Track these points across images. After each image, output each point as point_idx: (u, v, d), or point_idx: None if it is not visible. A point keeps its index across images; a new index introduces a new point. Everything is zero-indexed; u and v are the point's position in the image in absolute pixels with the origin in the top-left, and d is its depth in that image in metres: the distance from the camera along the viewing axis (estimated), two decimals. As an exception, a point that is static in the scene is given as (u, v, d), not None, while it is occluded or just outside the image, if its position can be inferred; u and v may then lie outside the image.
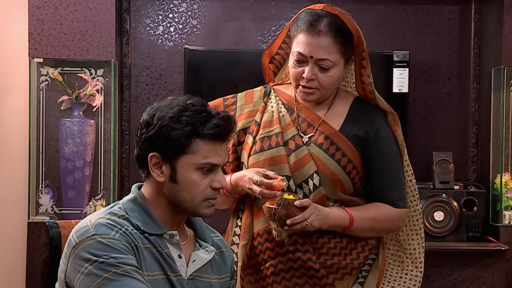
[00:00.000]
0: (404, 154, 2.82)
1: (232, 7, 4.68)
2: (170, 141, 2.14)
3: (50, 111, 4.39)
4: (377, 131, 2.72)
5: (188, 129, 2.14)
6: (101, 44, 4.36)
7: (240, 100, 2.83)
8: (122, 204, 2.20)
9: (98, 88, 4.31)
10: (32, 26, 4.36)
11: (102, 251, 2.04)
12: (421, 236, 2.85)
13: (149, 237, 2.15)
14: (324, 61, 2.64)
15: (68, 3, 4.36)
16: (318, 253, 2.68)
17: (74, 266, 2.06)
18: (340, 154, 2.67)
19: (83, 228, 2.09)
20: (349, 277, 2.71)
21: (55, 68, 4.34)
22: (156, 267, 2.14)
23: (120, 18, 4.59)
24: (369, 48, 4.56)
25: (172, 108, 2.16)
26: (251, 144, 2.74)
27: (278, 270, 2.69)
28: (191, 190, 2.18)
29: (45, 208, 4.35)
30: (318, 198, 2.65)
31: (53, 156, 4.40)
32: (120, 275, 2.01)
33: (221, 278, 2.30)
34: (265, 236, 2.70)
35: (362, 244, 2.74)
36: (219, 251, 2.33)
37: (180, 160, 2.16)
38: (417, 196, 2.85)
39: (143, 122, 2.18)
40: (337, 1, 4.63)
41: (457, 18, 4.73)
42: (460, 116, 4.75)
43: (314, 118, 2.73)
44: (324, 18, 2.65)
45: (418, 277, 2.82)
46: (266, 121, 2.75)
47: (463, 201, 4.38)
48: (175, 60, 4.67)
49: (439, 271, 4.36)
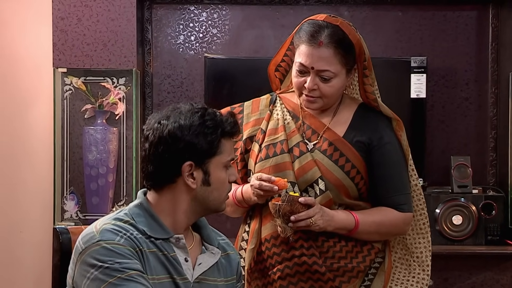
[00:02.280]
0: (409, 159, 2.83)
1: (251, 15, 4.72)
2: (203, 147, 2.20)
3: (74, 119, 4.45)
4: (381, 136, 2.76)
5: (219, 131, 2.22)
6: (122, 54, 4.43)
7: (246, 109, 2.88)
8: (128, 209, 2.24)
9: (120, 97, 4.36)
10: (56, 37, 4.44)
11: (107, 257, 2.08)
12: (428, 240, 2.87)
13: (155, 241, 2.18)
14: (325, 72, 2.68)
15: (91, 14, 4.44)
16: (324, 257, 2.71)
17: (81, 271, 2.11)
18: (344, 160, 2.71)
19: (89, 234, 2.14)
20: (355, 280, 2.74)
21: (78, 77, 4.40)
22: (162, 271, 2.17)
23: (142, 28, 4.66)
24: (387, 54, 4.66)
25: (190, 116, 2.21)
26: (257, 151, 2.78)
27: (285, 274, 2.72)
28: (221, 189, 2.27)
29: (70, 214, 4.40)
30: (324, 202, 2.69)
31: (77, 163, 4.46)
32: (125, 280, 2.06)
33: (228, 281, 2.33)
34: (272, 241, 2.74)
35: (368, 248, 2.76)
36: (225, 254, 2.36)
37: (212, 163, 2.23)
38: (423, 200, 2.88)
39: (164, 137, 2.20)
40: (355, 9, 4.69)
41: (474, 23, 4.73)
42: (479, 120, 4.75)
43: (318, 125, 2.77)
44: (326, 29, 2.68)
45: (425, 280, 2.85)
46: (271, 128, 2.80)
47: (482, 205, 4.39)
48: (195, 68, 4.71)
49: (458, 274, 4.35)
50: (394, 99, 4.52)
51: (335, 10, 4.69)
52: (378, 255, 2.80)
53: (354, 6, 4.71)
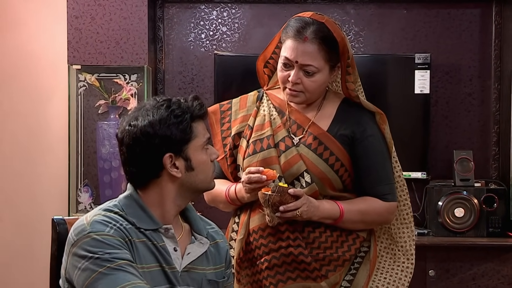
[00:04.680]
0: (392, 151, 2.88)
1: (260, 14, 4.76)
2: (177, 136, 2.22)
3: (88, 114, 4.51)
4: (364, 129, 2.80)
5: (188, 117, 2.24)
6: (134, 51, 4.50)
7: (234, 106, 2.93)
8: (118, 201, 2.27)
9: (132, 93, 4.42)
10: (71, 35, 4.51)
11: (98, 248, 2.12)
12: (411, 229, 2.91)
13: (144, 231, 2.22)
14: (308, 66, 2.73)
15: (104, 12, 4.51)
16: (310, 247, 2.76)
17: (73, 262, 2.15)
18: (328, 153, 2.76)
19: (80, 226, 2.18)
20: (341, 268, 2.79)
21: (92, 74, 4.46)
22: (152, 260, 2.21)
23: (154, 26, 4.72)
24: (392, 51, 4.71)
25: (157, 110, 2.23)
26: (245, 147, 2.83)
27: (272, 264, 2.77)
28: (205, 170, 2.30)
29: (84, 206, 4.47)
30: (310, 194, 2.74)
31: (91, 157, 4.52)
32: (114, 269, 2.10)
33: (217, 269, 2.38)
34: (260, 233, 2.80)
35: (353, 237, 2.82)
36: (214, 243, 2.40)
37: (189, 148, 2.25)
38: (406, 191, 2.91)
39: (138, 138, 2.21)
40: (361, 7, 4.73)
41: (478, 21, 4.75)
42: (482, 115, 4.77)
43: (304, 120, 2.82)
44: (311, 25, 2.73)
45: (410, 269, 2.90)
46: (258, 124, 2.85)
47: (483, 198, 4.43)
48: (206, 65, 4.76)
49: (459, 265, 4.36)
50: (398, 94, 4.62)
51: (341, 8, 4.75)
52: (363, 244, 2.85)
53: (360, 4, 4.75)
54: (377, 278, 2.86)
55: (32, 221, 4.65)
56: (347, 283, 2.82)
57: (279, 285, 2.78)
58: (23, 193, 4.74)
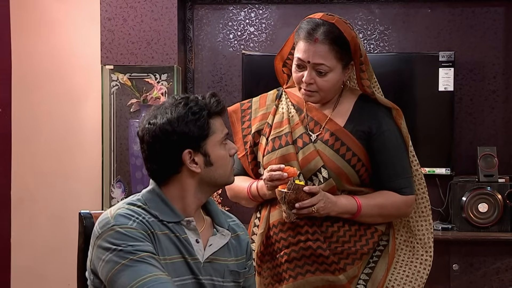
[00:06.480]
0: (409, 145, 2.90)
1: (286, 14, 4.81)
2: (195, 132, 2.25)
3: (121, 113, 4.61)
4: (380, 124, 2.83)
5: (205, 113, 2.26)
6: (164, 51, 4.59)
7: (254, 104, 3.00)
8: (141, 195, 2.31)
9: (163, 92, 4.49)
10: (104, 37, 4.61)
11: (121, 240, 2.16)
12: (430, 222, 2.94)
13: (167, 224, 2.26)
14: (320, 66, 2.77)
15: (135, 14, 4.61)
16: (328, 241, 2.81)
17: (98, 254, 2.19)
18: (345, 149, 2.80)
19: (104, 219, 2.22)
20: (359, 262, 2.82)
21: (124, 74, 4.55)
22: (174, 251, 2.25)
23: (184, 27, 4.80)
24: (417, 49, 4.72)
25: (175, 108, 2.26)
26: (265, 145, 2.88)
27: (292, 258, 2.82)
28: (224, 165, 2.33)
29: (117, 201, 4.53)
30: (328, 189, 2.78)
31: (124, 154, 4.61)
32: (136, 261, 2.13)
33: (238, 260, 2.41)
34: (279, 227, 2.85)
35: (372, 231, 2.85)
36: (235, 235, 2.43)
37: (208, 144, 2.28)
38: (424, 184, 2.93)
39: (157, 135, 2.24)
40: (386, 6, 4.78)
41: (502, 18, 4.78)
42: (505, 112, 4.79)
43: (321, 117, 2.87)
44: (321, 26, 2.77)
45: (428, 261, 2.92)
46: (277, 122, 2.90)
47: (507, 194, 4.47)
48: (234, 64, 4.84)
49: (483, 259, 4.39)
50: (423, 92, 4.65)
51: (366, 8, 4.80)
52: (382, 238, 2.89)
53: (385, 4, 4.80)
54: (396, 271, 2.89)
55: (67, 216, 4.71)
56: (365, 276, 2.85)
57: (298, 278, 2.82)
58: (59, 189, 4.83)
